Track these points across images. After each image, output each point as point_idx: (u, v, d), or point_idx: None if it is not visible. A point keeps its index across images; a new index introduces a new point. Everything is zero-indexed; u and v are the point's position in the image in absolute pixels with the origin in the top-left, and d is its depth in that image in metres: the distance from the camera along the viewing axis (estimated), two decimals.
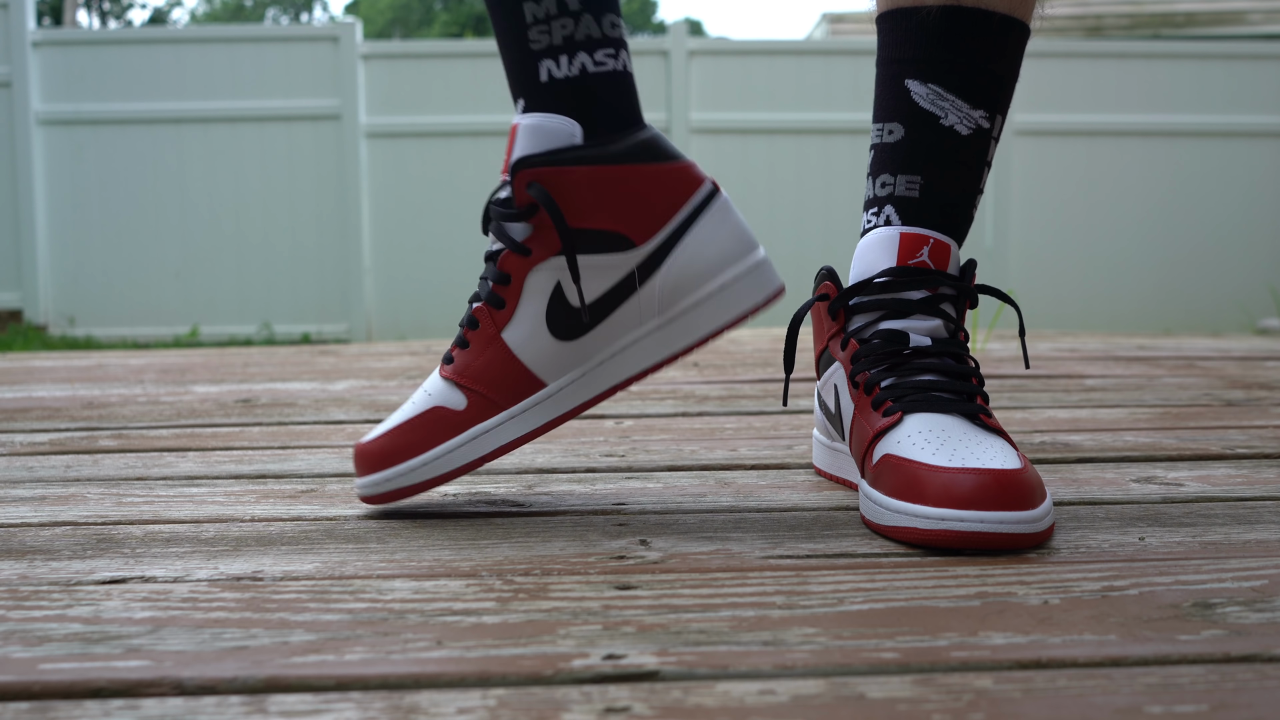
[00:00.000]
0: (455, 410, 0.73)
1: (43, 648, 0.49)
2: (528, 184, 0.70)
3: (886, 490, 0.67)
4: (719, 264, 0.73)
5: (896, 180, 0.79)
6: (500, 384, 0.72)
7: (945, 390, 0.72)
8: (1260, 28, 7.29)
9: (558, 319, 0.72)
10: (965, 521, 0.62)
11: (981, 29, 0.76)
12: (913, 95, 0.78)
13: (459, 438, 0.72)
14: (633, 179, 0.72)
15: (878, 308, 0.76)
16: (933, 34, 0.77)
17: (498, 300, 0.72)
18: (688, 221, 0.73)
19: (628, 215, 0.72)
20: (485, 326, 0.73)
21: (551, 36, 0.72)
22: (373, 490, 0.74)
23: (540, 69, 0.72)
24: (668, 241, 0.72)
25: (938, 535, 0.63)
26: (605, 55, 0.73)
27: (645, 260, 0.72)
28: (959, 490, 0.63)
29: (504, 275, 0.72)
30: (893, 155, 0.79)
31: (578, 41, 0.72)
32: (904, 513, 0.65)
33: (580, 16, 0.72)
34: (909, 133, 0.78)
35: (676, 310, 0.72)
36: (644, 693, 0.44)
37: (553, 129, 0.71)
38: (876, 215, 0.80)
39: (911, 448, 0.67)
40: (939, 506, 0.63)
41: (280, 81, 4.57)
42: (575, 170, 0.71)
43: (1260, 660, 0.47)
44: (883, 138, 0.80)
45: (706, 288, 0.73)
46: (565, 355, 0.72)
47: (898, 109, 0.79)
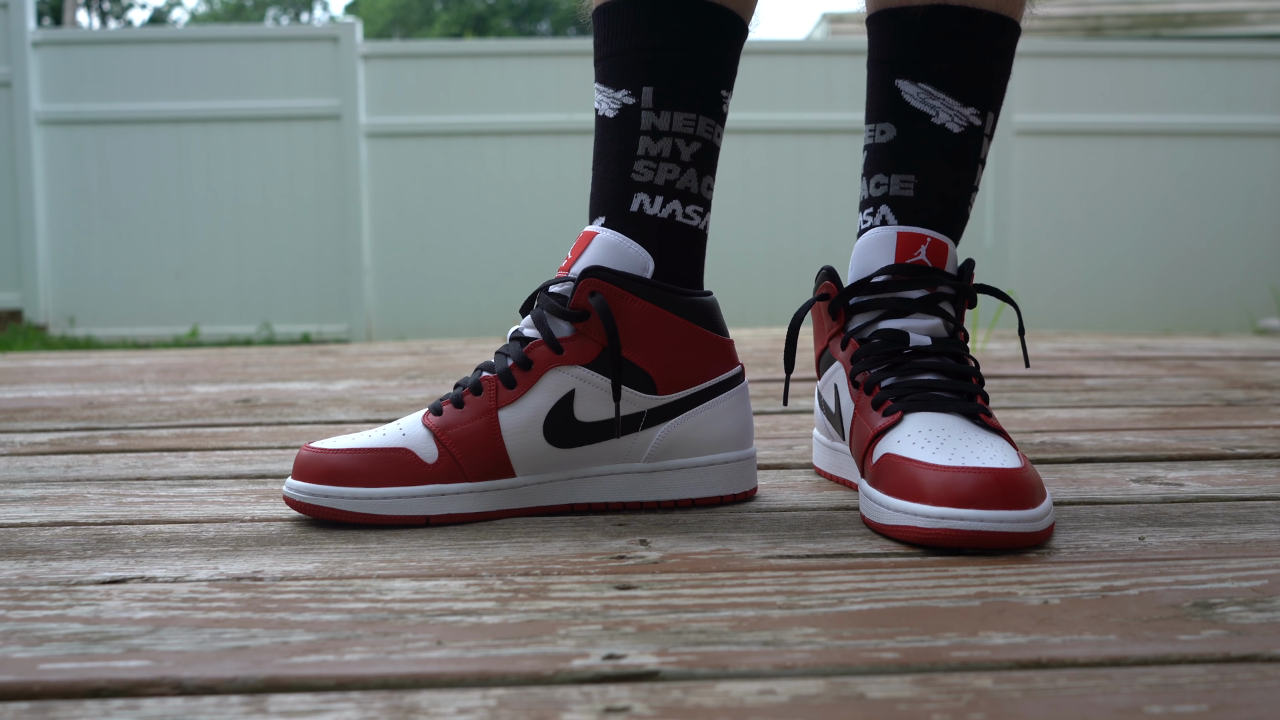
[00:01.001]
0: (423, 461, 0.72)
1: (43, 648, 0.49)
2: (591, 292, 0.73)
3: (886, 489, 0.67)
4: (717, 444, 0.77)
5: (891, 180, 0.79)
6: (475, 456, 0.72)
7: (945, 390, 0.72)
8: (1260, 28, 7.29)
9: (556, 423, 0.73)
10: (965, 520, 0.62)
11: (969, 27, 0.77)
12: (903, 95, 0.78)
13: (415, 489, 0.71)
14: (683, 334, 0.75)
15: (877, 307, 0.76)
16: (921, 33, 0.77)
17: (511, 380, 0.73)
18: (709, 393, 0.76)
19: (664, 363, 0.75)
20: (487, 398, 0.73)
21: (655, 175, 0.75)
22: (306, 499, 0.71)
23: (634, 199, 0.75)
24: (684, 402, 0.76)
25: (938, 534, 0.63)
26: (694, 211, 0.77)
27: (658, 409, 0.75)
28: (959, 489, 0.63)
29: (527, 361, 0.73)
30: (886, 155, 0.79)
31: (676, 190, 0.76)
32: (904, 512, 0.65)
33: (687, 169, 0.76)
34: (901, 132, 0.79)
35: (661, 465, 0.76)
36: (644, 693, 0.44)
37: (630, 254, 0.74)
38: (872, 215, 0.80)
39: (911, 447, 0.67)
40: (939, 505, 0.63)
41: (280, 81, 4.56)
42: (640, 302, 0.73)
43: (1260, 660, 0.47)
44: (875, 138, 0.80)
45: (696, 459, 0.76)
46: (546, 457, 0.73)
47: (889, 109, 0.79)
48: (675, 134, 0.75)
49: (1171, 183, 4.72)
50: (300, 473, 0.72)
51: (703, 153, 0.76)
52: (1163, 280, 4.74)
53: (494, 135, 4.50)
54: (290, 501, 0.72)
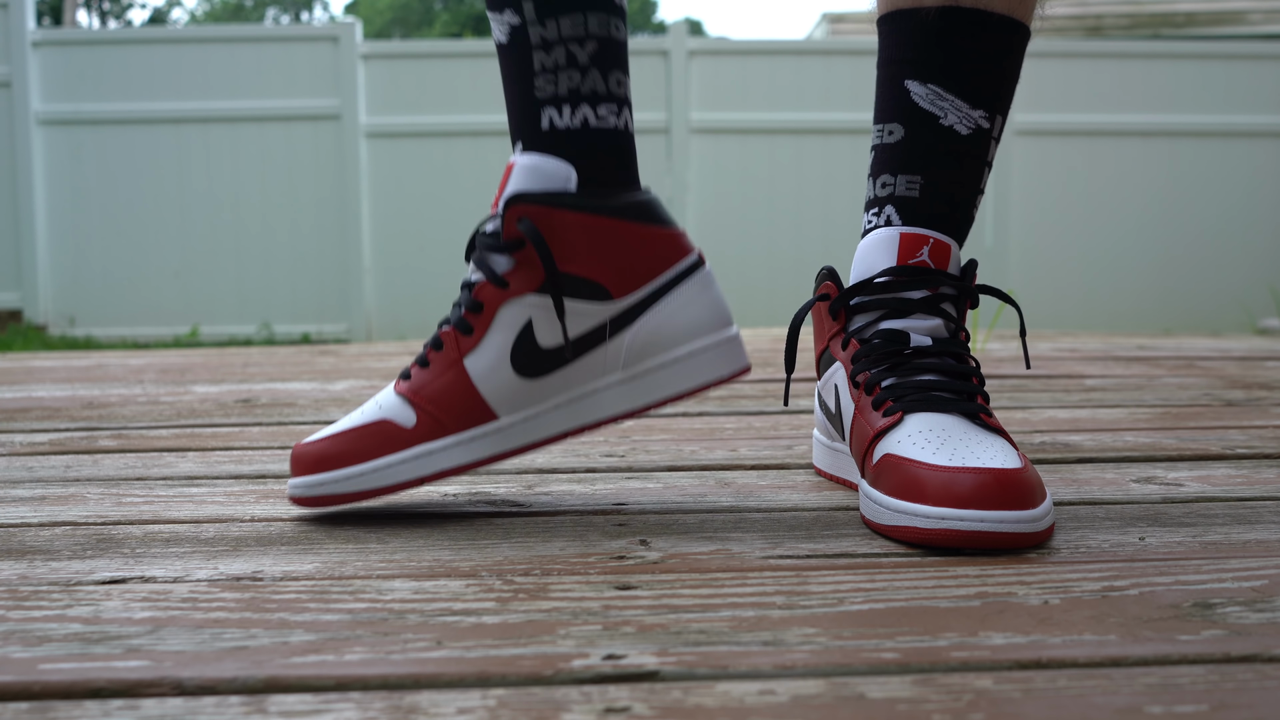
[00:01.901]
0: (403, 427, 0.72)
1: (42, 648, 0.49)
2: (519, 219, 0.71)
3: (887, 490, 0.67)
4: (690, 332, 0.74)
5: (897, 180, 0.79)
6: (453, 409, 0.72)
7: (946, 390, 0.72)
8: (1260, 28, 7.29)
9: (522, 355, 0.72)
10: (965, 521, 0.62)
11: (980, 29, 0.76)
12: (912, 95, 0.78)
13: (401, 454, 0.72)
14: (623, 234, 0.73)
15: (878, 307, 0.76)
16: (931, 34, 0.77)
17: (466, 327, 0.73)
18: (668, 285, 0.74)
19: (611, 268, 0.73)
20: (449, 350, 0.73)
21: (557, 87, 0.73)
22: (304, 492, 0.73)
23: (542, 116, 0.73)
24: (645, 300, 0.73)
25: (938, 535, 0.63)
26: (608, 110, 0.74)
27: (619, 314, 0.73)
28: (959, 490, 0.63)
29: (477, 304, 0.72)
30: (893, 155, 0.79)
31: (582, 94, 0.74)
32: (904, 512, 0.65)
33: (588, 70, 0.73)
34: (909, 133, 0.78)
35: (640, 369, 0.74)
36: (644, 693, 0.44)
37: (549, 171, 0.73)
38: (877, 215, 0.80)
39: (912, 447, 0.67)
40: (939, 506, 0.63)
41: (280, 81, 4.57)
42: (569, 215, 0.72)
43: (1260, 660, 0.47)
44: (883, 138, 0.80)
45: (674, 353, 0.74)
46: (522, 392, 0.72)
47: (898, 109, 0.79)
48: (566, 40, 0.73)
49: (1171, 183, 4.72)
50: (296, 469, 0.73)
51: (602, 50, 0.74)
52: (1163, 280, 4.74)
53: (494, 135, 4.50)
54: (294, 499, 0.73)
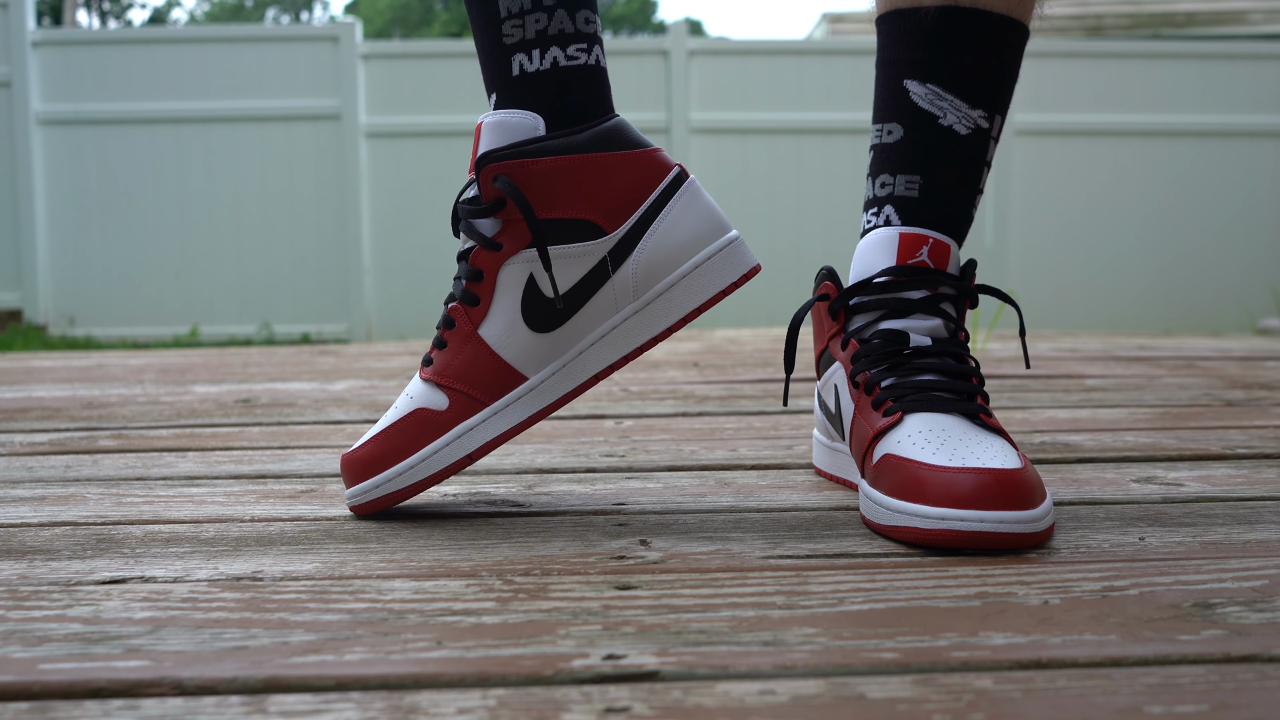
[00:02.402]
0: (438, 411, 0.72)
1: (42, 648, 0.49)
2: (494, 178, 0.70)
3: (887, 490, 0.67)
4: (691, 245, 0.73)
5: (896, 180, 0.79)
6: (481, 381, 0.72)
7: (945, 390, 0.72)
8: (1260, 28, 7.29)
9: (533, 311, 0.71)
10: (965, 521, 0.62)
11: (980, 29, 0.76)
12: (911, 95, 0.78)
13: (444, 438, 0.72)
14: (598, 166, 0.72)
15: (878, 307, 0.76)
16: (931, 34, 0.77)
17: (472, 298, 0.72)
18: (656, 206, 0.73)
19: (596, 203, 0.72)
20: (462, 325, 0.73)
21: (524, 31, 0.72)
22: (362, 499, 0.73)
23: (512, 63, 0.72)
24: (638, 226, 0.72)
25: (938, 535, 0.63)
26: (578, 50, 0.73)
27: (616, 246, 0.72)
28: (959, 490, 0.63)
29: (476, 272, 0.72)
30: (892, 155, 0.79)
31: (550, 36, 0.72)
32: (904, 512, 0.65)
33: (554, 11, 0.72)
34: (908, 133, 0.78)
35: (652, 294, 0.73)
36: (644, 693, 0.44)
37: (515, 124, 0.72)
38: (876, 215, 0.80)
39: (912, 447, 0.67)
40: (939, 506, 0.63)
41: (280, 81, 4.57)
42: (540, 161, 0.71)
43: (1260, 660, 0.47)
44: (882, 138, 0.80)
45: (680, 269, 0.73)
46: (544, 348, 0.72)
47: (897, 109, 0.79)
48: None
49: (1171, 183, 4.72)
50: (349, 478, 0.74)
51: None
52: (1163, 280, 4.74)
53: None
54: (355, 509, 0.74)
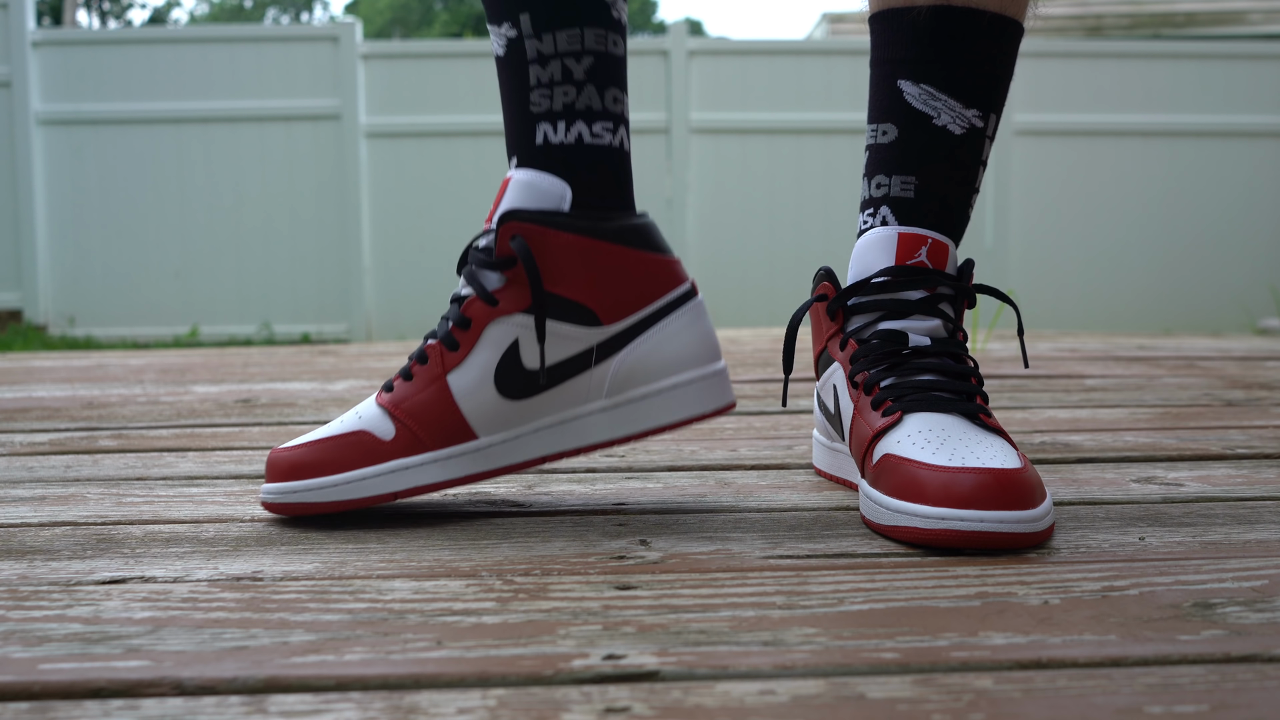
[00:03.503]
0: (381, 439, 0.71)
1: (42, 648, 0.49)
2: (511, 237, 0.70)
3: (886, 490, 0.67)
4: (679, 364, 0.73)
5: (892, 181, 0.79)
6: (432, 425, 0.71)
7: (945, 390, 0.72)
8: (1260, 28, 7.29)
9: (506, 376, 0.71)
10: (965, 521, 0.62)
11: (973, 28, 0.76)
12: (905, 96, 0.78)
13: (377, 467, 0.71)
14: (618, 259, 0.72)
15: (876, 308, 0.76)
16: (924, 34, 0.76)
17: (452, 342, 0.72)
18: (659, 314, 0.73)
19: (602, 293, 0.72)
20: (434, 365, 0.72)
21: (552, 102, 0.73)
22: (276, 499, 0.72)
23: (537, 131, 0.73)
24: (634, 328, 0.73)
25: (938, 535, 0.63)
26: (603, 128, 0.74)
27: (607, 340, 0.72)
28: (959, 490, 0.63)
29: (465, 320, 0.72)
30: (887, 156, 0.79)
31: (577, 110, 0.73)
32: (904, 512, 0.65)
33: (583, 86, 0.73)
34: (903, 133, 0.78)
35: (625, 398, 0.73)
36: (644, 693, 0.44)
37: (545, 189, 0.72)
38: (873, 216, 0.80)
39: (911, 447, 0.67)
40: (939, 506, 0.63)
41: (280, 81, 4.57)
42: (563, 235, 0.71)
43: (1260, 660, 0.47)
44: (877, 139, 0.80)
45: (661, 383, 0.73)
46: (504, 413, 0.71)
47: (891, 110, 0.79)
48: (562, 54, 0.72)
49: (1171, 183, 4.72)
50: (270, 475, 0.72)
51: (598, 66, 0.73)
52: (1163, 280, 4.74)
53: (494, 135, 4.50)
54: (265, 505, 0.72)
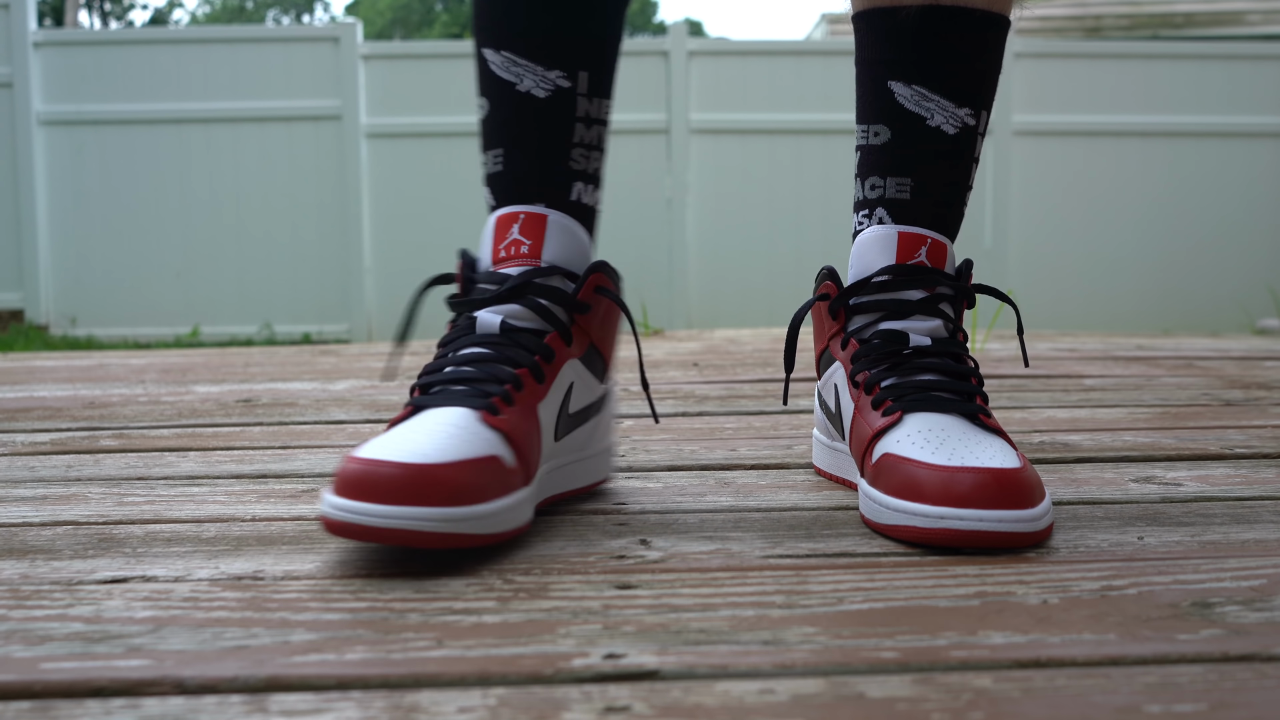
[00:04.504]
0: (509, 468, 0.64)
1: (44, 647, 0.49)
2: (598, 287, 0.74)
3: (886, 489, 0.67)
4: (609, 431, 0.81)
5: (887, 182, 0.79)
6: (531, 456, 0.67)
7: (945, 390, 0.72)
8: (1259, 28, 7.29)
9: (560, 416, 0.73)
10: (965, 520, 0.62)
11: (961, 27, 0.76)
12: (897, 97, 0.78)
13: (510, 498, 0.63)
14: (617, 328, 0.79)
15: (878, 308, 0.76)
16: (913, 34, 0.77)
17: (540, 374, 0.70)
18: (610, 384, 0.80)
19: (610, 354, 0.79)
20: (529, 394, 0.69)
21: (588, 163, 0.76)
22: (439, 527, 0.58)
23: (573, 188, 0.75)
24: (609, 391, 0.79)
25: (937, 534, 0.63)
26: (598, 193, 0.79)
27: (600, 398, 0.78)
28: (958, 489, 0.63)
29: (550, 352, 0.71)
30: (880, 157, 0.79)
31: (599, 178, 0.78)
32: (903, 511, 0.65)
33: (603, 154, 0.78)
34: (896, 135, 0.79)
35: (583, 454, 0.77)
36: (644, 692, 0.44)
37: (580, 240, 0.75)
38: (868, 218, 0.80)
39: (911, 447, 0.68)
40: (938, 505, 0.63)
41: (281, 82, 4.57)
42: (613, 299, 0.76)
43: (1259, 659, 0.47)
44: (869, 139, 0.80)
45: (597, 447, 0.79)
46: (547, 452, 0.71)
47: (883, 111, 0.79)
48: (601, 122, 0.77)
49: (1171, 183, 4.72)
50: (435, 496, 0.58)
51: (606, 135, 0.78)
52: (1162, 280, 4.74)
53: None
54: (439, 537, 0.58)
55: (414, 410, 0.67)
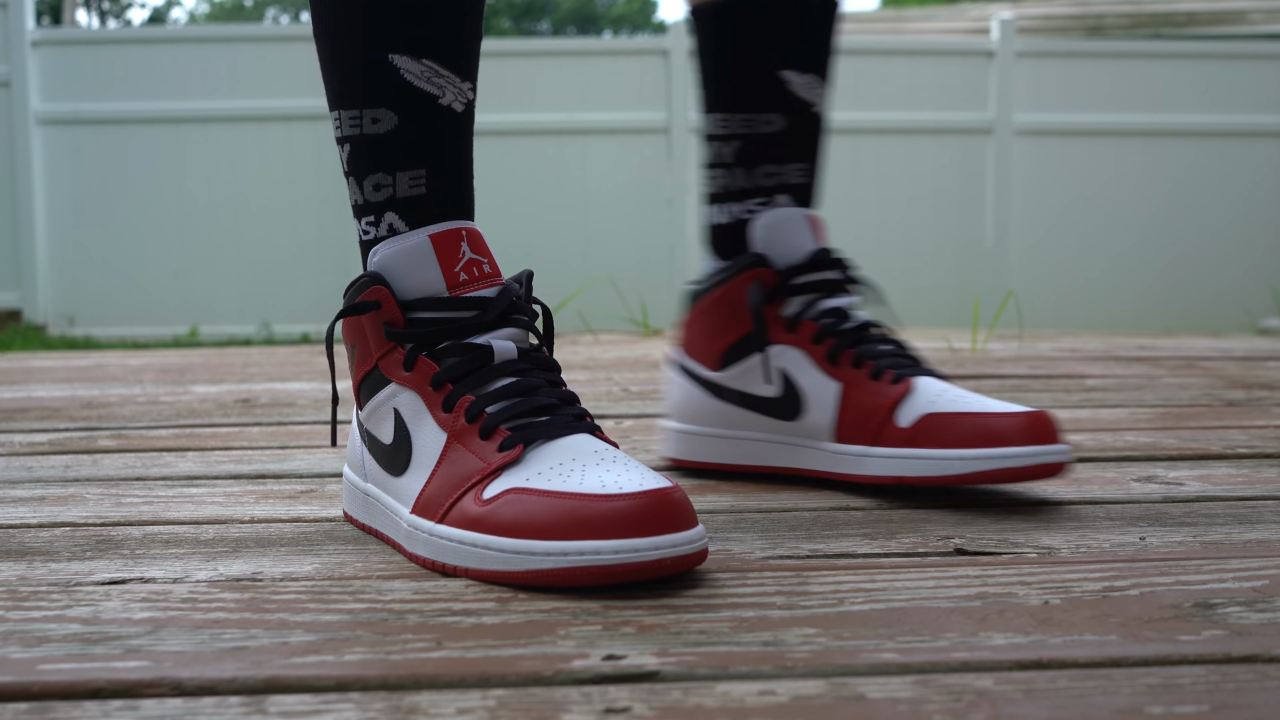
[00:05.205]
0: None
1: (42, 648, 0.49)
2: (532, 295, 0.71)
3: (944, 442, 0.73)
4: None
5: (785, 169, 0.85)
6: None
7: (914, 355, 0.80)
8: (1260, 28, 7.28)
9: None
10: (1014, 457, 0.72)
11: (838, 16, 0.85)
12: (790, 85, 0.82)
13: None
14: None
15: (814, 289, 0.81)
16: (811, 25, 0.83)
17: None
18: None
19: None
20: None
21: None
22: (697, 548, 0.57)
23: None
24: None
25: (1011, 472, 0.72)
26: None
27: None
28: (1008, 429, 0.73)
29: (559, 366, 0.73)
30: (775, 145, 0.84)
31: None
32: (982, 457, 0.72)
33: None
34: (791, 122, 0.83)
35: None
36: (644, 693, 0.44)
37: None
38: (764, 205, 0.84)
39: (951, 402, 0.74)
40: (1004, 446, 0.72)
41: (280, 81, 4.56)
42: None
43: (1261, 660, 0.47)
44: (757, 128, 0.84)
45: None
46: None
47: (775, 99, 0.83)
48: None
49: (1172, 183, 4.72)
50: (688, 521, 0.57)
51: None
52: (1163, 280, 4.74)
53: (493, 135, 4.49)
54: (686, 559, 0.56)
55: (524, 445, 0.61)
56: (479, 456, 0.61)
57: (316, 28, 0.69)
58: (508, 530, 0.57)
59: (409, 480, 0.64)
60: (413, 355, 0.64)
